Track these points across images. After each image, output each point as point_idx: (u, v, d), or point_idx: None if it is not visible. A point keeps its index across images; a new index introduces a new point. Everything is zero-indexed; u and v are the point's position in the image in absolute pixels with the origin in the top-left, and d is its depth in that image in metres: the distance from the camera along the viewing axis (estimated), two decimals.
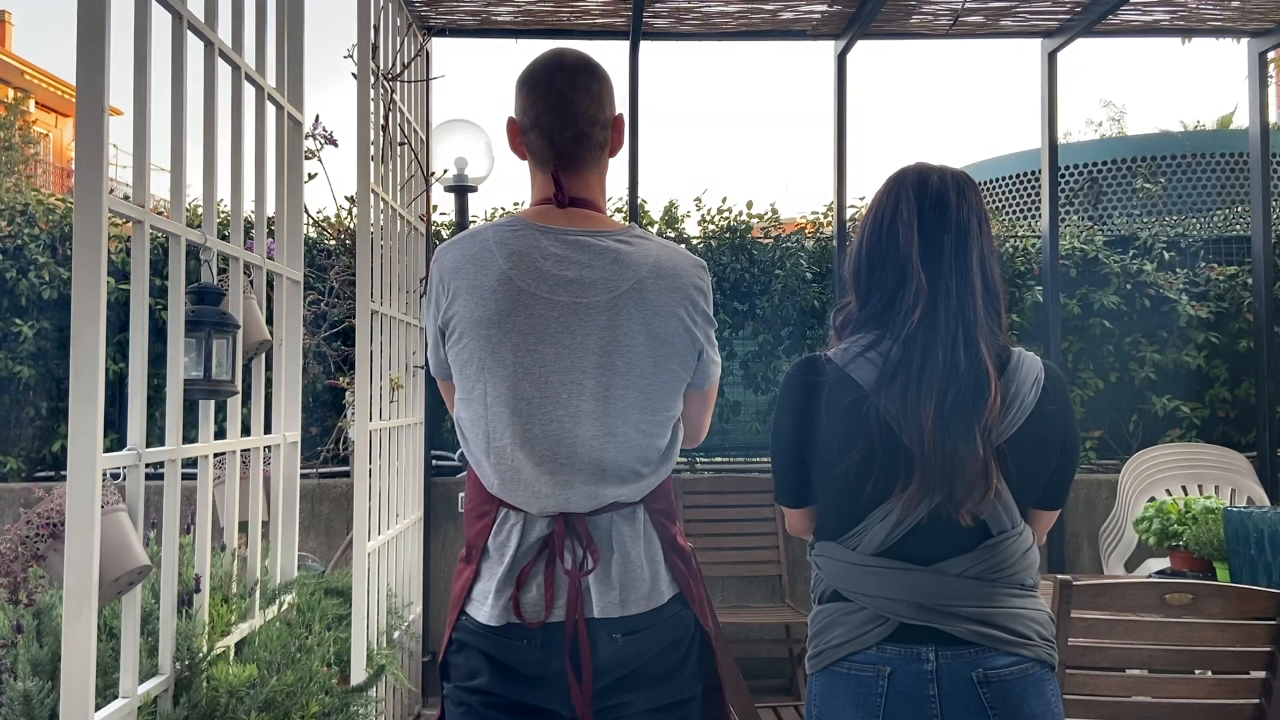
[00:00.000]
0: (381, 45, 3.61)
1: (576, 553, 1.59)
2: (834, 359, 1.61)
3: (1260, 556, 2.63)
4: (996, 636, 1.54)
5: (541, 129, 1.63)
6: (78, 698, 1.70)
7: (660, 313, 1.60)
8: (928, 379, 1.52)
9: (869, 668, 1.57)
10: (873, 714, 1.56)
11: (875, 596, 1.57)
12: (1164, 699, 2.11)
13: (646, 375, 1.61)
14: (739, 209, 5.24)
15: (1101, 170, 7.20)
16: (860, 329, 1.63)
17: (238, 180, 2.50)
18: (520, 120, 1.66)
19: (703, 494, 4.66)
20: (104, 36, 1.76)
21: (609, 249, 1.61)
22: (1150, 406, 5.13)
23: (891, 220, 1.61)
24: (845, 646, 1.59)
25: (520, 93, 1.66)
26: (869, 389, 1.55)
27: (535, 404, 1.56)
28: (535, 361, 1.56)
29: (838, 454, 1.57)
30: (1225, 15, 4.67)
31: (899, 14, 4.57)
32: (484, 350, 1.57)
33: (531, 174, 1.69)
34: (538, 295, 1.56)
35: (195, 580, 2.25)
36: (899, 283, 1.58)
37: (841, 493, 1.60)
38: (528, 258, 1.58)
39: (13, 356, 4.77)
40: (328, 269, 4.55)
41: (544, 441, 1.57)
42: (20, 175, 12.51)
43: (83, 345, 1.73)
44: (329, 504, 4.63)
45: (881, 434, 1.53)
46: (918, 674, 1.54)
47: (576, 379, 1.57)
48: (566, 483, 1.58)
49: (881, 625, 1.56)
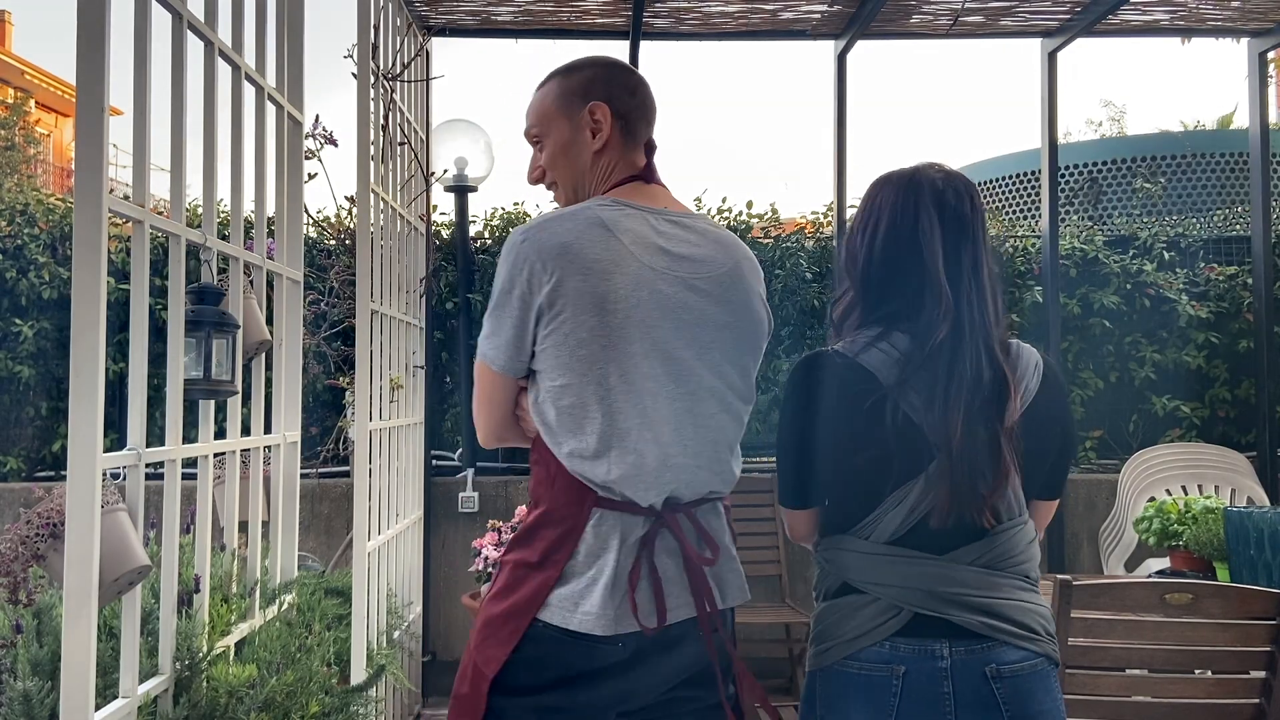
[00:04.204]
0: (381, 45, 3.61)
1: (694, 543, 1.58)
2: (843, 351, 1.62)
3: (1260, 556, 2.63)
4: (1006, 630, 1.55)
5: (644, 112, 1.71)
6: (78, 698, 1.70)
7: (755, 294, 1.68)
8: (955, 389, 1.55)
9: (882, 667, 1.56)
10: (886, 714, 1.55)
11: (890, 586, 1.57)
12: (1164, 699, 2.11)
13: (744, 356, 1.65)
14: (739, 209, 5.24)
15: (1101, 170, 7.20)
16: (865, 325, 1.65)
17: (238, 180, 2.50)
18: (620, 105, 1.68)
19: None
20: (104, 36, 1.76)
21: (706, 230, 1.66)
22: (1150, 406, 5.13)
23: (913, 230, 1.62)
24: (858, 641, 1.57)
25: (615, 80, 1.70)
26: (886, 383, 1.56)
27: (663, 382, 1.54)
28: (664, 338, 1.54)
29: (855, 446, 1.58)
30: (1225, 15, 4.67)
31: (899, 14, 4.57)
32: (610, 329, 1.51)
33: (610, 155, 1.68)
34: (659, 272, 1.55)
35: (195, 580, 2.25)
36: (919, 292, 1.61)
37: (855, 485, 1.60)
38: (642, 235, 1.57)
39: (13, 356, 4.77)
40: (328, 269, 4.55)
41: (673, 422, 1.55)
42: (21, 175, 12.51)
43: (83, 345, 1.73)
44: (329, 504, 4.63)
45: (902, 427, 1.55)
46: (932, 672, 1.54)
47: (699, 355, 1.58)
48: (689, 467, 1.57)
49: (895, 617, 1.56)
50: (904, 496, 1.57)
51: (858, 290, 1.68)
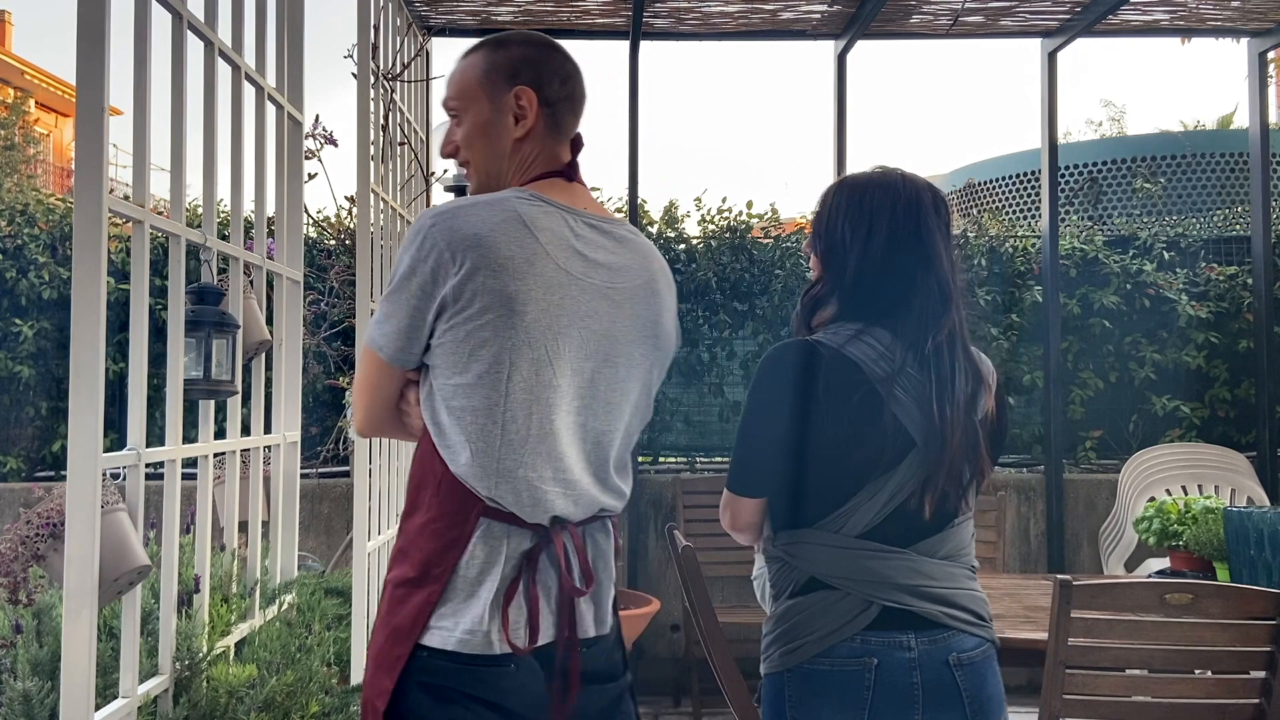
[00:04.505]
0: (381, 45, 3.61)
1: (573, 567, 1.48)
2: (827, 342, 1.62)
3: (1260, 556, 2.63)
4: (962, 618, 1.62)
5: (573, 104, 1.60)
6: (78, 698, 1.70)
7: (668, 308, 1.60)
8: (949, 385, 1.60)
9: (853, 661, 1.58)
10: (859, 709, 1.57)
11: (862, 580, 1.59)
12: (1164, 699, 2.11)
13: (649, 372, 1.57)
14: (739, 209, 5.24)
15: (1101, 170, 7.20)
16: (843, 319, 1.67)
17: (238, 180, 2.50)
18: (550, 93, 1.56)
19: (702, 494, 4.66)
20: (104, 36, 1.75)
21: (625, 236, 1.57)
22: (1150, 406, 5.13)
23: (915, 234, 1.66)
24: (831, 637, 1.59)
25: (546, 65, 1.57)
26: (873, 377, 1.59)
27: (563, 393, 1.45)
28: (569, 347, 1.45)
29: (838, 437, 1.59)
30: (1225, 15, 4.67)
31: (899, 14, 4.57)
32: (512, 330, 1.40)
33: (532, 144, 1.57)
34: (574, 276, 1.46)
35: (195, 580, 2.25)
36: (909, 293, 1.64)
37: (829, 477, 1.61)
38: (561, 236, 1.47)
39: (13, 356, 4.77)
40: (328, 269, 4.55)
41: (569, 435, 1.46)
42: (21, 175, 12.50)
43: (83, 345, 1.72)
44: (329, 504, 4.63)
45: (887, 422, 1.58)
46: (902, 663, 1.58)
47: (602, 368, 1.49)
48: (581, 484, 1.48)
49: (864, 612, 1.59)
50: (877, 490, 1.59)
51: (842, 286, 1.68)
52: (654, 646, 4.55)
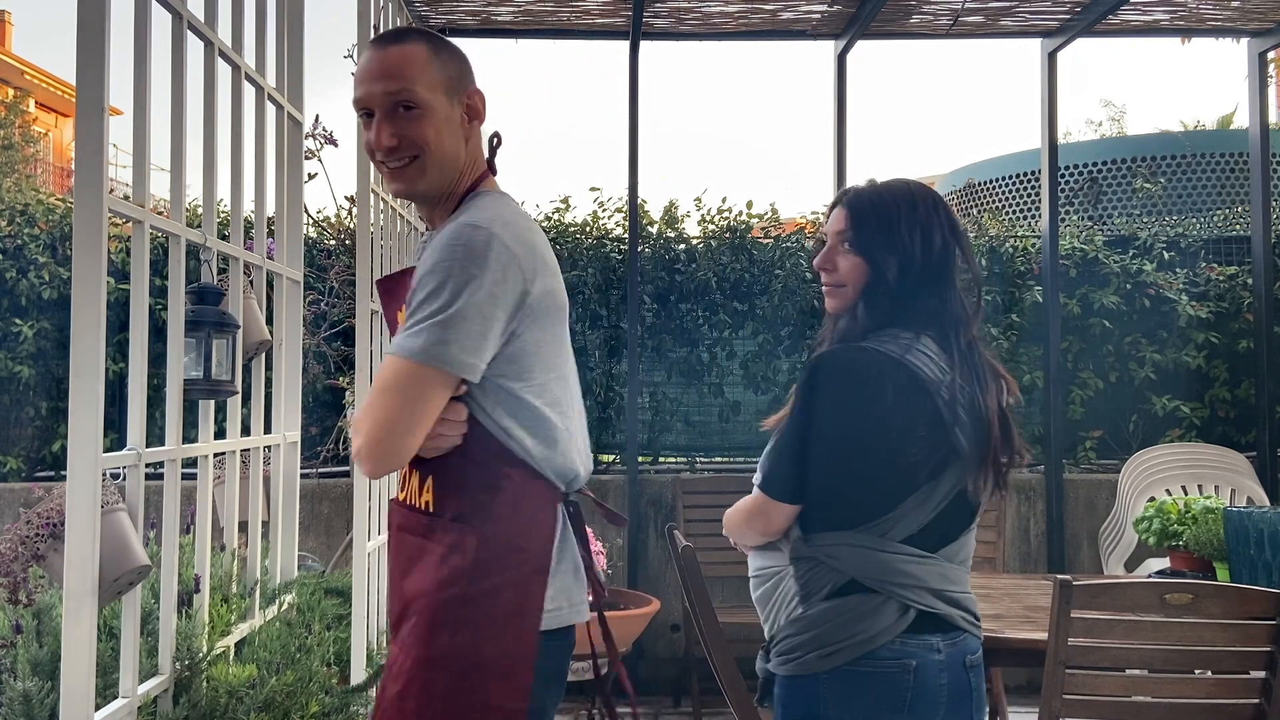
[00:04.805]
0: None
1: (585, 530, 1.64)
2: (888, 351, 1.65)
3: (1260, 556, 2.63)
4: (970, 621, 1.68)
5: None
6: (78, 698, 1.70)
7: None
8: (982, 381, 1.67)
9: (894, 663, 1.61)
10: (899, 710, 1.61)
11: (902, 585, 1.62)
12: (1164, 699, 2.11)
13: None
14: (739, 209, 5.24)
15: (1101, 170, 7.21)
16: (893, 325, 1.69)
17: (238, 180, 2.50)
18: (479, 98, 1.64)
19: (703, 494, 4.66)
20: (104, 36, 1.76)
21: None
22: (1150, 406, 5.13)
23: (953, 242, 1.73)
24: (874, 640, 1.61)
25: (467, 70, 1.62)
26: (932, 383, 1.63)
27: (573, 377, 1.61)
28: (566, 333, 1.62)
29: (902, 444, 1.61)
30: (1225, 15, 4.67)
31: (899, 14, 4.57)
32: (562, 326, 1.57)
33: (473, 145, 1.63)
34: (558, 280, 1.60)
35: (195, 580, 2.25)
36: (940, 305, 1.70)
37: (885, 481, 1.63)
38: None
39: (13, 356, 4.77)
40: (328, 269, 4.55)
41: (579, 412, 1.62)
42: (20, 175, 12.50)
43: (83, 345, 1.72)
44: (329, 504, 4.63)
45: (943, 427, 1.62)
46: (934, 665, 1.62)
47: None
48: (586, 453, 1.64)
49: (903, 616, 1.62)
50: (926, 496, 1.62)
51: (894, 293, 1.69)
52: (654, 646, 4.55)
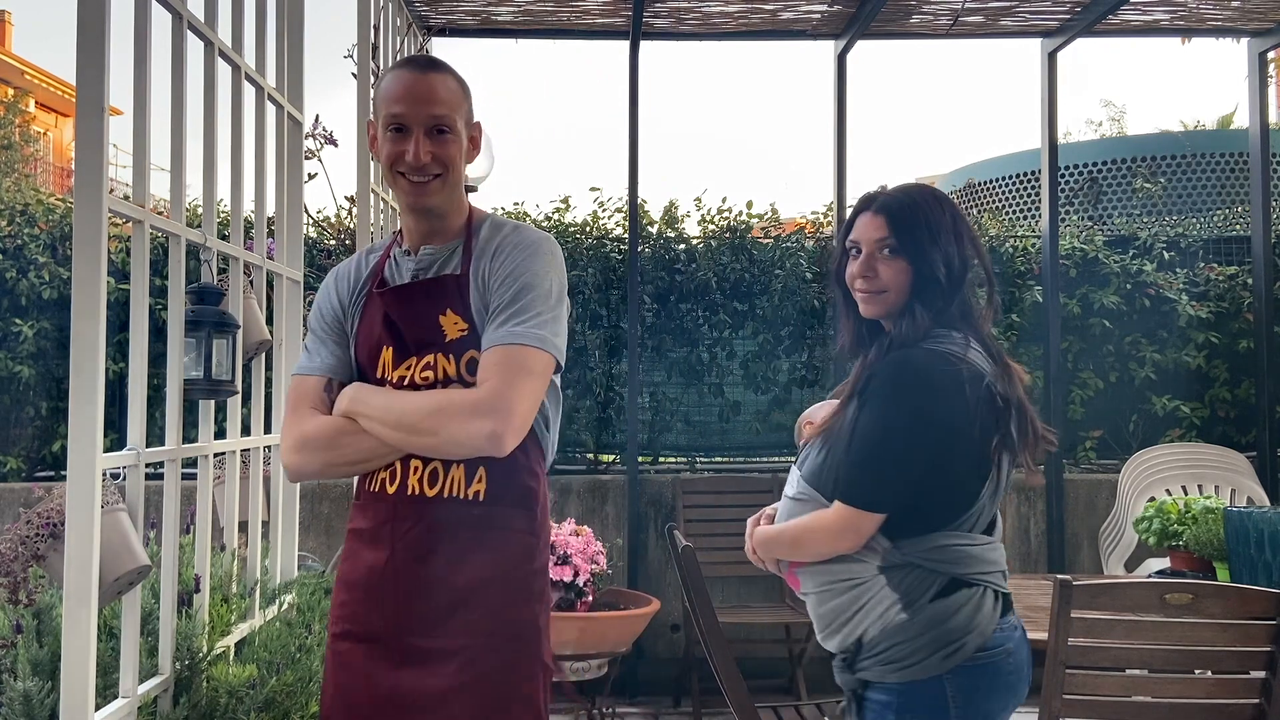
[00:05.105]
0: (381, 45, 3.61)
1: None
2: (954, 352, 1.68)
3: (1260, 556, 2.63)
4: (1012, 596, 1.76)
5: None
6: (78, 698, 1.70)
7: None
8: (1009, 376, 1.73)
9: (999, 650, 1.67)
10: (1014, 692, 1.69)
11: (991, 573, 1.69)
12: (1164, 699, 2.11)
13: None
14: (739, 209, 5.24)
15: (1101, 170, 7.21)
16: (942, 325, 1.73)
17: (238, 180, 2.50)
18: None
19: (702, 494, 4.66)
20: (104, 36, 1.76)
21: None
22: (1150, 406, 5.13)
23: (974, 242, 1.80)
24: (985, 632, 1.66)
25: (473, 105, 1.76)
26: (990, 379, 1.68)
27: None
28: None
29: (976, 440, 1.66)
30: (1225, 15, 4.67)
31: (899, 14, 4.57)
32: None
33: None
34: None
35: (195, 580, 2.25)
36: (973, 298, 1.78)
37: (965, 478, 1.68)
38: None
39: (13, 356, 4.77)
40: (327, 269, 4.55)
41: None
42: (20, 174, 12.50)
43: (83, 345, 1.73)
44: (329, 504, 4.63)
45: (1000, 414, 1.68)
46: (1022, 642, 1.72)
47: None
48: None
49: (998, 602, 1.69)
50: (995, 484, 1.70)
51: (947, 293, 1.73)
52: (654, 646, 4.55)
